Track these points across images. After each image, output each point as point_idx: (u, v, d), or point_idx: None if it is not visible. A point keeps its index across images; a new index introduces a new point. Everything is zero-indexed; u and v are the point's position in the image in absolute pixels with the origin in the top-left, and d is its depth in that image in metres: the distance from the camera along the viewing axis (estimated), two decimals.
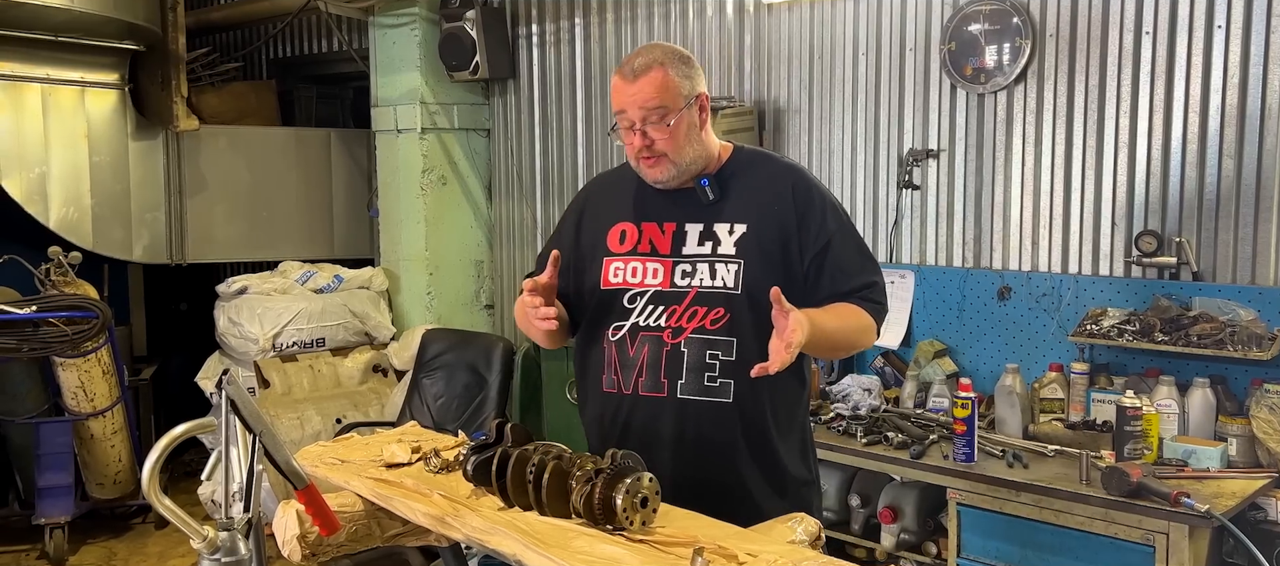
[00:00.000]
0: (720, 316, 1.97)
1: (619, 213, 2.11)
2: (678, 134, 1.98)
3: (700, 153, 2.03)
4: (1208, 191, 3.11)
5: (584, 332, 2.12)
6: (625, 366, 2.02)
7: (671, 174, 2.01)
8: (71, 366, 4.43)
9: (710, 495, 1.91)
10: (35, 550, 4.51)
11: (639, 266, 2.04)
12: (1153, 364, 3.12)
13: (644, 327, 2.01)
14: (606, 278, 2.06)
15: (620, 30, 4.57)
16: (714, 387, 1.98)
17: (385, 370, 4.95)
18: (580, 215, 2.18)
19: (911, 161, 3.69)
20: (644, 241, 2.06)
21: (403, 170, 5.10)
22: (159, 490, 1.35)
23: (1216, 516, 2.48)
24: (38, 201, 4.81)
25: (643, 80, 1.97)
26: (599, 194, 2.24)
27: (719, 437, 1.99)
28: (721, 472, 2.01)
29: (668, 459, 1.98)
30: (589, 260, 2.10)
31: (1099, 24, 3.27)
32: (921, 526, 3.25)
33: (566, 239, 2.17)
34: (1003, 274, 3.50)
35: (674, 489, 1.92)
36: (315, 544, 1.90)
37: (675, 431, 2.00)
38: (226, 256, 5.65)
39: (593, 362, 2.09)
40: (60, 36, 4.77)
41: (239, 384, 1.45)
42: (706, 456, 2.00)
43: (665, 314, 2.00)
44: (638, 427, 2.02)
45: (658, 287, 2.01)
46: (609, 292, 2.05)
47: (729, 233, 2.01)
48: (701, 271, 2.00)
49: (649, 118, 1.97)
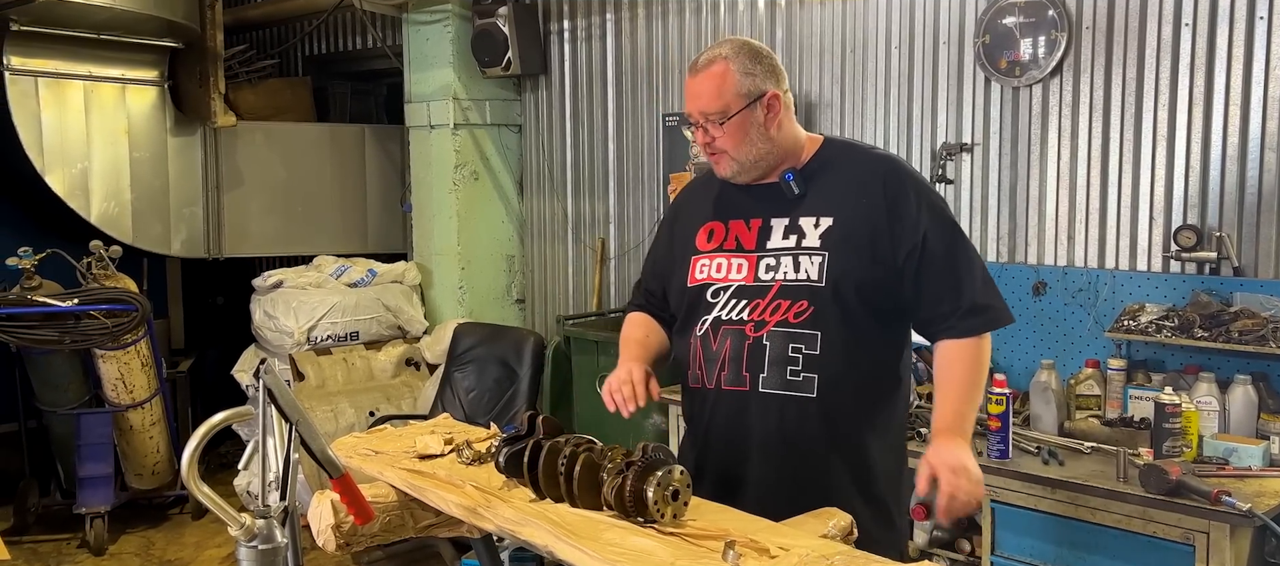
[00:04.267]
0: (803, 310, 1.94)
1: (707, 213, 2.11)
2: (735, 133, 1.97)
3: (768, 150, 2.00)
4: (1249, 185, 3.06)
5: (677, 333, 2.14)
6: (708, 361, 2.02)
7: (734, 169, 2.01)
8: (111, 358, 4.51)
9: (793, 492, 1.90)
10: (76, 538, 4.60)
11: (724, 262, 2.04)
12: (1192, 360, 3.07)
13: (726, 321, 2.00)
14: (693, 275, 2.06)
15: (651, 25, 4.57)
16: (797, 381, 1.95)
17: (418, 363, 4.99)
18: (674, 222, 2.21)
19: (945, 156, 3.65)
20: (730, 238, 2.05)
21: (435, 165, 5.13)
22: (197, 477, 1.37)
23: (1258, 515, 2.44)
24: (79, 197, 4.89)
25: (702, 77, 1.98)
26: (690, 198, 2.25)
27: (803, 433, 1.96)
28: (806, 469, 1.98)
29: (752, 454, 1.98)
30: (680, 261, 2.11)
31: (1137, 16, 3.22)
32: (955, 523, 3.22)
33: (662, 244, 2.22)
34: (1038, 269, 3.46)
35: (758, 486, 1.93)
36: (350, 533, 1.92)
37: (759, 426, 1.98)
38: (262, 251, 5.73)
39: (682, 360, 2.11)
40: (102, 34, 4.85)
41: (276, 373, 1.47)
42: (790, 452, 1.97)
43: (748, 308, 1.98)
44: (721, 423, 2.02)
45: (742, 282, 2.00)
46: (695, 289, 2.05)
47: (815, 226, 1.98)
48: (785, 265, 1.98)
49: (708, 116, 1.98)
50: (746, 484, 1.98)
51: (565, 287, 5.11)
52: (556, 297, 5.16)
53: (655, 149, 4.60)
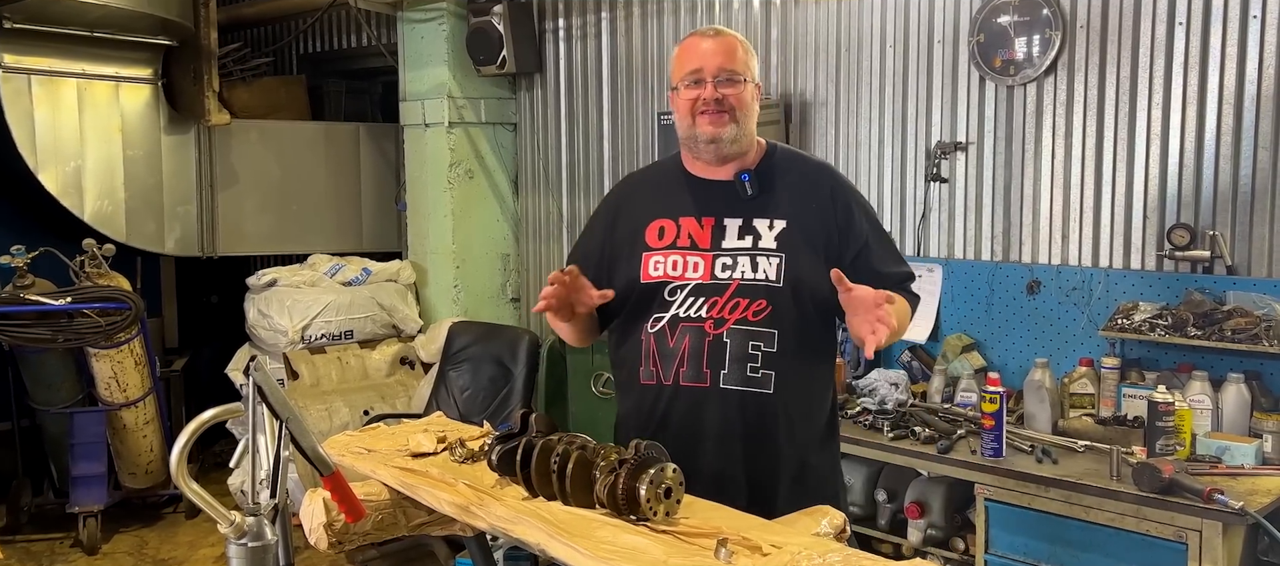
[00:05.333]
0: (762, 309, 2.00)
1: (656, 210, 2.12)
2: (745, 98, 2.05)
3: (752, 132, 2.10)
4: (1243, 184, 3.06)
5: (620, 328, 2.13)
6: (665, 357, 2.03)
7: (732, 133, 2.04)
8: (105, 357, 4.50)
9: (745, 481, 1.97)
10: (69, 538, 4.59)
11: (679, 260, 2.05)
12: (1185, 359, 3.08)
13: (685, 319, 2.02)
14: (646, 272, 2.07)
15: (646, 24, 4.57)
16: (756, 378, 2.00)
17: (412, 362, 4.98)
18: (614, 214, 2.20)
19: (939, 154, 3.66)
20: (683, 236, 2.07)
21: (430, 164, 5.13)
22: (187, 474, 1.37)
23: (1251, 513, 2.45)
24: (73, 195, 4.88)
25: (722, 39, 2.06)
26: (633, 192, 2.25)
27: (760, 426, 2.02)
28: (758, 463, 2.03)
29: (709, 449, 2.00)
30: (625, 256, 2.11)
31: (1131, 15, 3.22)
32: (949, 522, 3.23)
33: (596, 238, 2.19)
34: (1032, 267, 3.47)
35: (714, 479, 1.93)
36: (342, 532, 1.92)
37: (718, 421, 2.01)
38: (257, 249, 5.72)
39: (629, 356, 2.10)
40: (96, 32, 4.84)
41: (266, 371, 1.47)
42: (747, 447, 2.02)
43: (706, 305, 2.01)
44: (678, 418, 2.03)
45: (699, 280, 2.03)
46: (649, 286, 2.06)
47: (769, 228, 2.04)
48: (742, 265, 2.02)
49: (724, 75, 2.03)
50: (698, 475, 1.94)
51: None
52: None
53: (650, 147, 4.60)
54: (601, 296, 2.00)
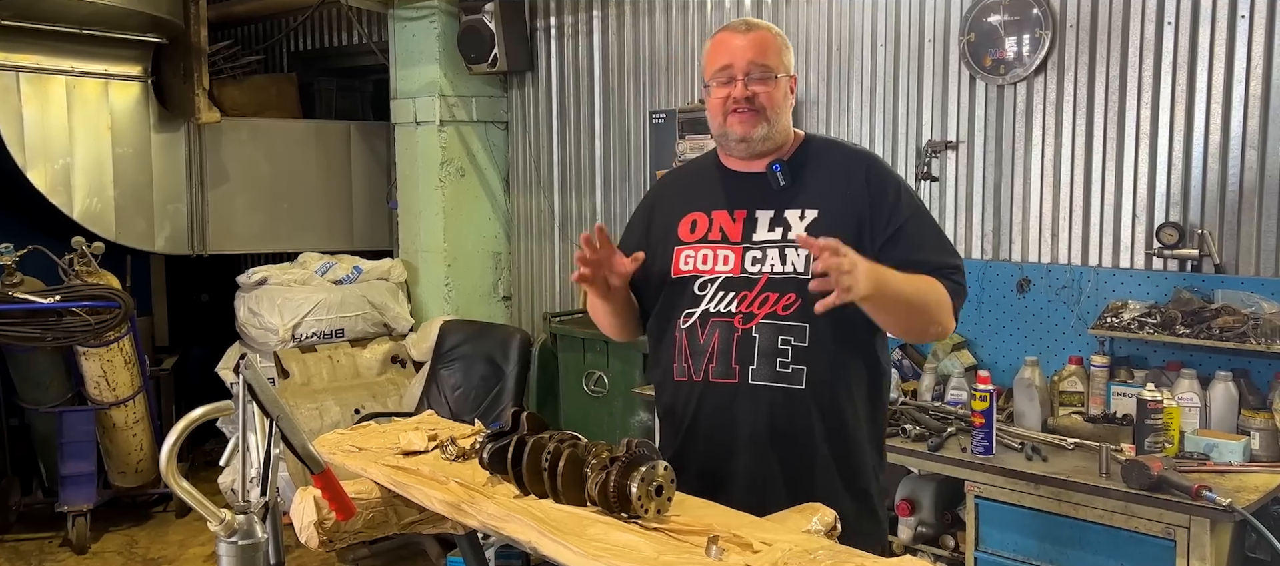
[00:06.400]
0: (792, 302, 1.94)
1: (689, 204, 2.10)
2: (777, 95, 1.99)
3: (786, 126, 2.04)
4: (1231, 183, 3.08)
5: (655, 324, 2.11)
6: (695, 353, 2.00)
7: (763, 132, 2.00)
8: (94, 356, 4.48)
9: (781, 485, 1.91)
10: (58, 537, 4.57)
11: (709, 253, 2.03)
12: (1174, 357, 3.09)
13: (714, 313, 1.99)
14: (676, 266, 2.05)
15: (638, 22, 4.57)
16: (786, 373, 1.95)
17: (403, 361, 4.98)
18: (651, 210, 2.19)
19: (930, 153, 3.67)
20: (714, 229, 2.04)
21: (421, 162, 5.12)
22: (176, 472, 1.36)
23: (1238, 510, 2.46)
24: (62, 193, 4.86)
25: (754, 34, 2.01)
26: (670, 188, 2.24)
27: (792, 425, 1.96)
28: (794, 462, 1.97)
29: (742, 449, 1.97)
30: (660, 251, 2.08)
31: (1120, 14, 3.24)
32: (939, 519, 3.23)
33: (635, 234, 2.18)
34: (1022, 266, 3.48)
35: (751, 482, 1.92)
36: (333, 530, 1.91)
37: (748, 418, 1.97)
38: (247, 248, 5.70)
39: (664, 353, 2.08)
40: (85, 29, 4.82)
41: (257, 368, 1.46)
42: (781, 446, 1.97)
43: (736, 299, 1.98)
44: (708, 414, 2.00)
45: (728, 274, 1.99)
46: (679, 280, 2.04)
47: (800, 218, 1.99)
48: (772, 257, 1.98)
49: (755, 71, 1.98)
50: (735, 477, 1.97)
51: (552, 285, 5.11)
52: (543, 295, 5.15)
53: (642, 146, 4.60)
54: (634, 260, 1.96)
